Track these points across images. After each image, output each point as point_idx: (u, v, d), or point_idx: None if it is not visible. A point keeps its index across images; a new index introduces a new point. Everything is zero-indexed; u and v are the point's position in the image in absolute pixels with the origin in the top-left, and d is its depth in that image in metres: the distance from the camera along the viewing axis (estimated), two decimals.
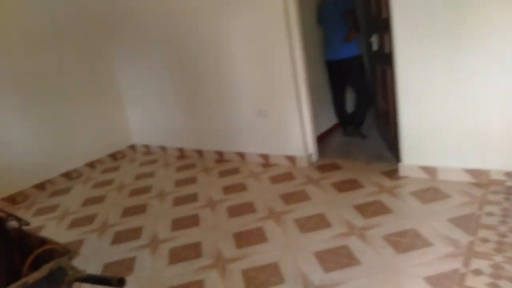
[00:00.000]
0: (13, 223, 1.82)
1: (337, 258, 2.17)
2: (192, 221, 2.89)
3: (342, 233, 2.40)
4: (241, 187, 3.34)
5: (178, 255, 2.47)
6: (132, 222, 3.02)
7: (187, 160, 4.26)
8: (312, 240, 2.39)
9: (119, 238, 2.81)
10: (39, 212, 3.45)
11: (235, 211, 2.93)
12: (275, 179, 3.38)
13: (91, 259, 2.57)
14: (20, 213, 3.47)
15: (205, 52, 3.77)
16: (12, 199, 3.69)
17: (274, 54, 3.34)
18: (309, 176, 3.32)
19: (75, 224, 3.13)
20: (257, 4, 3.26)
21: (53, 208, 3.50)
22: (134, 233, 2.84)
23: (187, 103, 4.13)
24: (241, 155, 3.93)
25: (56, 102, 4.02)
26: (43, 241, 1.68)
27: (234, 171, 3.73)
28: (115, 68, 4.55)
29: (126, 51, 4.37)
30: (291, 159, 3.59)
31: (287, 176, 3.39)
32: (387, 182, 2.95)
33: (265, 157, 3.76)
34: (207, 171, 3.85)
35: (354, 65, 3.84)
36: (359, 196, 2.82)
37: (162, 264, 2.41)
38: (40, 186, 3.92)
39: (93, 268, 2.46)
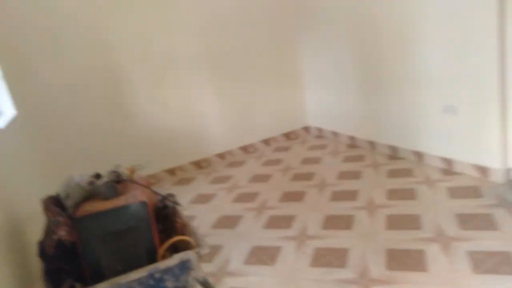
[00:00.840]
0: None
1: None
2: (345, 223, 2.68)
3: None
4: (410, 194, 2.89)
5: (322, 258, 2.33)
6: (287, 209, 3.03)
7: (357, 151, 3.98)
8: (488, 287, 1.86)
9: (271, 223, 2.85)
10: (214, 181, 3.85)
11: (395, 222, 2.56)
12: (455, 193, 2.78)
13: (242, 238, 2.70)
14: (201, 178, 3.96)
15: (391, 36, 3.33)
16: (198, 164, 4.24)
17: (477, 39, 2.66)
18: (502, 197, 2.59)
19: (239, 198, 3.36)
20: None
21: (226, 179, 3.84)
22: (285, 222, 2.83)
23: (365, 90, 3.79)
24: (418, 155, 3.40)
25: (241, 80, 4.32)
26: (184, 227, 1.79)
27: (406, 172, 3.26)
28: (299, 49, 4.56)
29: (311, 32, 4.30)
30: (482, 170, 2.88)
31: (472, 192, 2.75)
32: None
33: (447, 162, 3.14)
34: (375, 167, 3.50)
35: None
36: None
37: (304, 263, 2.32)
38: (221, 156, 4.37)
39: (242, 248, 2.58)
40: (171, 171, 4.13)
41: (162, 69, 3.90)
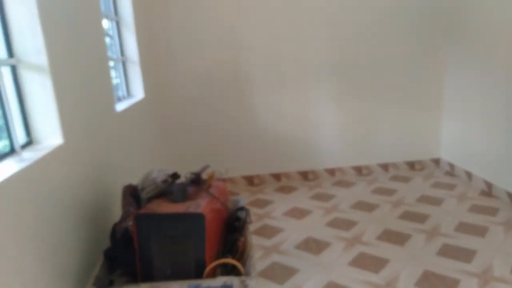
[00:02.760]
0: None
1: None
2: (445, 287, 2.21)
3: None
4: None
5: None
6: (383, 250, 2.66)
7: (491, 201, 3.27)
8: None
9: (359, 261, 2.54)
10: (316, 196, 3.66)
11: None
12: None
13: (322, 269, 2.48)
14: (304, 190, 3.81)
15: None
16: (305, 175, 4.10)
17: None
18: None
19: (334, 223, 3.10)
20: None
21: (328, 197, 3.61)
22: (375, 264, 2.49)
23: None
24: None
25: (369, 95, 3.98)
26: (244, 247, 1.70)
27: None
28: (445, 71, 3.97)
29: (462, 55, 3.68)
30: None
31: None
32: None
33: None
34: (509, 226, 2.82)
35: None
36: None
37: None
38: (331, 171, 4.14)
39: (317, 280, 2.36)
40: (277, 176, 4.09)
41: (288, 74, 3.87)
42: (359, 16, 3.80)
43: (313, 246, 2.79)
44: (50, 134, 1.60)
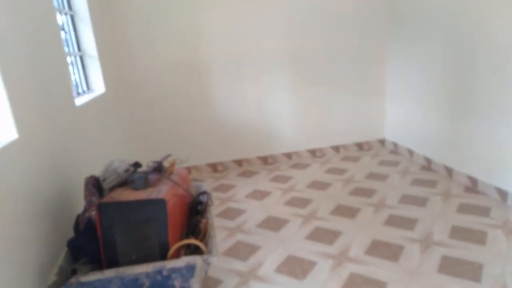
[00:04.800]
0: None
1: None
2: (392, 253, 2.32)
3: None
4: (479, 238, 2.39)
5: (354, 286, 2.05)
6: (336, 223, 2.75)
7: (430, 175, 3.46)
8: None
9: (315, 235, 2.61)
10: (275, 179, 3.70)
11: (450, 267, 2.14)
12: None
13: (281, 244, 2.52)
14: (264, 174, 3.85)
15: (491, 58, 2.76)
16: (264, 159, 4.13)
17: None
18: None
19: (292, 202, 3.16)
20: None
21: (286, 179, 3.67)
22: (329, 237, 2.57)
23: (453, 112, 3.24)
24: (502, 194, 2.81)
25: (321, 83, 4.05)
26: (206, 228, 1.70)
27: (482, 211, 2.72)
28: (385, 59, 4.10)
29: (403, 42, 3.81)
30: None
31: None
32: None
33: None
34: (446, 197, 3.00)
35: None
36: None
37: (334, 287, 2.07)
38: (288, 155, 4.19)
39: (278, 254, 2.40)
40: (239, 162, 4.10)
41: (247, 66, 3.85)
42: (309, 11, 3.83)
43: (273, 224, 2.83)
44: (3, 129, 1.50)
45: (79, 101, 2.51)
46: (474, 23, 2.87)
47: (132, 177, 1.66)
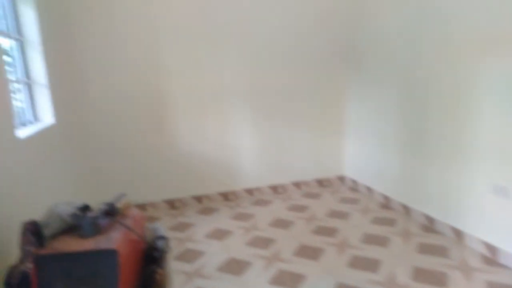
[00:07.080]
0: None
1: None
2: None
3: None
4: (440, 279, 2.37)
5: None
6: (299, 265, 2.63)
7: (389, 213, 3.48)
8: None
9: (278, 279, 2.47)
10: (236, 217, 3.55)
11: None
12: None
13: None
14: (225, 211, 3.68)
15: (442, 101, 2.89)
16: (225, 195, 3.98)
17: None
18: None
19: (254, 242, 3.01)
20: None
21: (248, 217, 3.52)
22: (293, 281, 2.44)
23: (406, 151, 3.33)
24: (458, 233, 2.86)
25: (282, 120, 4.04)
26: (163, 281, 1.51)
27: (441, 251, 2.73)
28: (345, 96, 4.21)
29: (359, 85, 3.95)
30: None
31: None
32: None
33: (491, 249, 2.58)
34: (406, 236, 3.00)
35: None
36: None
37: None
38: (250, 191, 4.07)
39: None
40: (198, 199, 3.90)
41: (207, 100, 3.75)
42: (270, 49, 3.86)
43: (234, 267, 2.65)
44: None
45: (24, 132, 2.26)
46: (426, 68, 3.02)
47: (79, 222, 1.46)
